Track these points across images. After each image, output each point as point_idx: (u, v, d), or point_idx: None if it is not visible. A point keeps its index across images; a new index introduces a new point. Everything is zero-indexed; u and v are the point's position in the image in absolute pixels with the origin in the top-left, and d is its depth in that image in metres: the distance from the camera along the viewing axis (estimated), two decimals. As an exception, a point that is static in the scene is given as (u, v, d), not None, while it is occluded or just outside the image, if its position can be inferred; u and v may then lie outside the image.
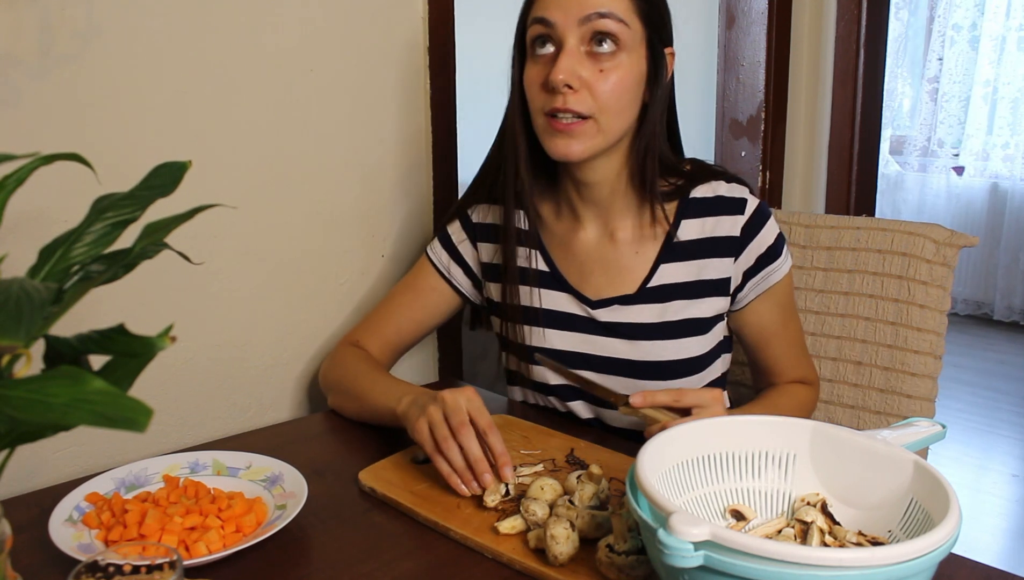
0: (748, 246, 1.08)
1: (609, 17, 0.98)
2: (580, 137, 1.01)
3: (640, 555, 0.74)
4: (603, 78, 0.99)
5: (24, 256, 0.60)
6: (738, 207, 1.08)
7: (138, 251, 0.56)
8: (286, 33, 1.19)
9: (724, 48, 2.21)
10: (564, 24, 0.99)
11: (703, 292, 1.09)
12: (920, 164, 4.91)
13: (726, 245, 1.08)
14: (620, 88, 1.00)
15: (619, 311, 1.10)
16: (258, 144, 1.19)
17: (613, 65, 0.99)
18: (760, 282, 1.09)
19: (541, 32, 1.01)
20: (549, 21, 1.00)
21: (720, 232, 1.08)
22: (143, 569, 0.57)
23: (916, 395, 1.20)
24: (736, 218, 1.08)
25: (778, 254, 1.09)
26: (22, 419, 0.42)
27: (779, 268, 1.09)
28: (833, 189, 2.22)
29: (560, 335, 1.13)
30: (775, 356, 1.14)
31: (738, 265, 1.08)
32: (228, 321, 1.19)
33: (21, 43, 0.96)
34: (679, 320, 1.08)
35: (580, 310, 1.12)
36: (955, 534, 0.62)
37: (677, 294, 1.09)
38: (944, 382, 1.20)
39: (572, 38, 0.99)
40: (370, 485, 0.95)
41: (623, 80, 1.00)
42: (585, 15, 0.98)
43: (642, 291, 1.09)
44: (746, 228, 1.07)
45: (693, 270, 1.09)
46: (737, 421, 0.82)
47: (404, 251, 1.40)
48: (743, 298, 1.10)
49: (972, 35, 4.62)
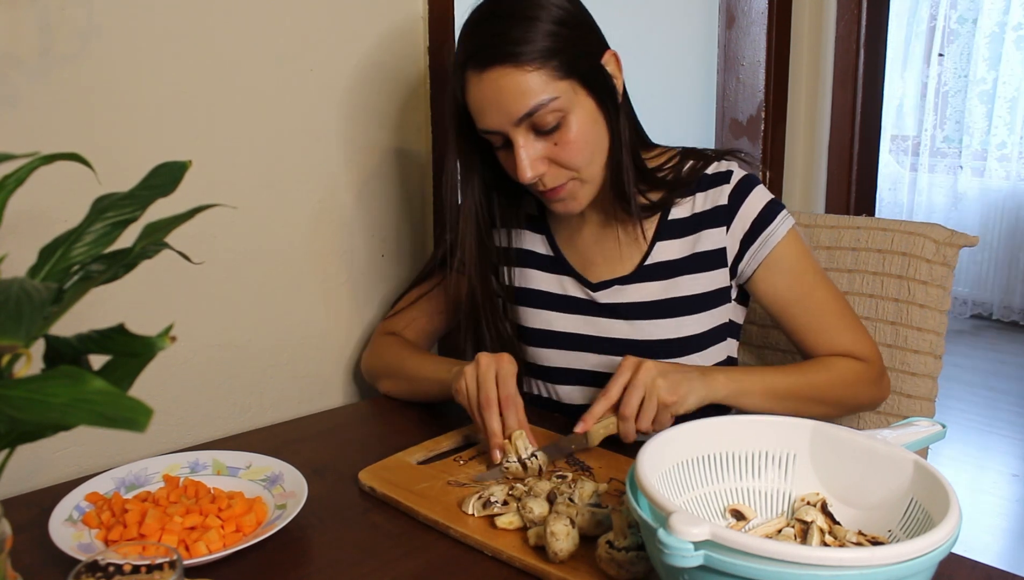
0: (738, 212, 1.09)
1: (538, 110, 0.97)
2: (570, 197, 1.06)
3: (640, 551, 0.74)
4: (562, 149, 1.01)
5: (24, 256, 0.60)
6: (724, 178, 1.10)
7: (138, 251, 0.56)
8: (286, 33, 1.19)
9: (724, 48, 2.20)
10: (503, 128, 1.00)
11: (699, 266, 1.10)
12: (920, 164, 4.91)
13: (716, 215, 1.10)
14: (580, 145, 1.01)
15: (618, 292, 1.12)
16: (258, 144, 1.19)
17: (565, 132, 1.00)
18: (759, 249, 1.09)
19: (487, 136, 1.03)
20: (490, 130, 1.01)
21: (709, 204, 1.10)
22: (143, 569, 0.57)
23: (916, 395, 1.20)
24: (722, 188, 1.10)
25: (772, 217, 1.09)
26: (22, 419, 0.42)
27: (775, 231, 1.08)
28: (833, 189, 2.22)
29: (562, 317, 1.16)
30: (801, 327, 1.11)
31: (732, 233, 1.09)
32: (228, 321, 1.19)
33: (21, 43, 0.96)
34: (676, 297, 1.10)
35: (582, 293, 1.15)
36: (955, 534, 0.62)
37: (674, 271, 1.11)
38: (944, 382, 1.20)
39: (519, 136, 1.00)
40: (370, 485, 0.95)
41: (579, 136, 1.00)
42: (516, 119, 0.98)
43: (640, 270, 1.12)
44: (733, 195, 1.09)
45: (688, 245, 1.11)
46: (737, 421, 0.82)
47: (404, 251, 1.40)
48: (746, 268, 1.10)
49: (973, 35, 4.62)
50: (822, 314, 1.11)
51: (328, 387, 1.33)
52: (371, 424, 1.21)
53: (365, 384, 1.36)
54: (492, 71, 0.97)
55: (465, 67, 1.00)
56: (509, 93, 0.97)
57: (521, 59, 0.96)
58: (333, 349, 1.32)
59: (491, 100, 0.98)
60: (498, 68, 0.97)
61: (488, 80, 0.98)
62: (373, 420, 1.22)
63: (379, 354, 1.25)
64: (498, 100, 0.98)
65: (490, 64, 0.97)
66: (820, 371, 1.08)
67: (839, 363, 1.09)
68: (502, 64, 0.97)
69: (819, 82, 2.20)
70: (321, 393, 1.32)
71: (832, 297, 1.12)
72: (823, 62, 2.18)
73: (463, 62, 1.01)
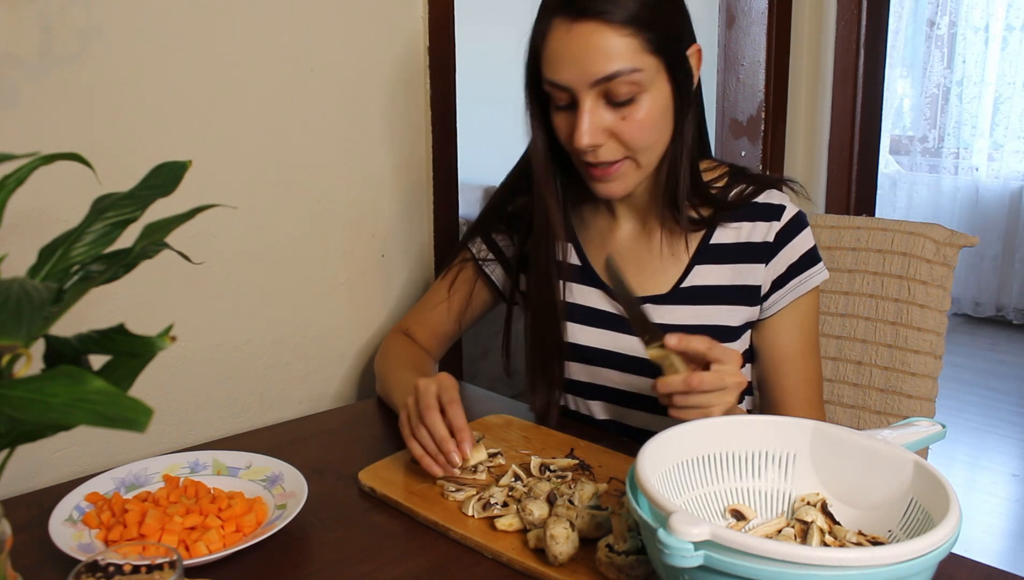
0: (780, 252, 1.06)
1: (618, 76, 0.94)
2: (619, 179, 1.01)
3: (640, 555, 0.74)
4: (627, 125, 0.97)
5: (24, 256, 0.60)
6: (775, 213, 1.07)
7: (138, 251, 0.56)
8: (286, 33, 1.19)
9: (724, 48, 2.21)
10: (576, 86, 0.96)
11: (735, 298, 1.07)
12: (920, 164, 4.91)
13: (760, 251, 1.06)
14: (647, 126, 0.98)
15: (650, 312, 1.08)
16: (258, 144, 1.19)
17: (635, 109, 0.96)
18: (788, 293, 1.06)
19: (554, 90, 0.99)
20: (560, 84, 0.97)
21: (756, 237, 1.07)
22: (143, 569, 0.57)
23: (916, 395, 1.20)
24: (772, 224, 1.06)
25: (808, 266, 1.06)
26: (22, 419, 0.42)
27: (806, 282, 1.06)
28: (833, 189, 2.22)
29: (587, 331, 1.11)
30: (783, 385, 1.09)
31: (768, 271, 1.06)
32: (228, 321, 1.19)
33: (21, 43, 0.96)
34: (708, 325, 1.06)
35: (611, 307, 1.11)
36: (955, 534, 0.62)
37: (709, 297, 1.07)
38: (944, 382, 1.20)
39: (588, 98, 0.96)
40: (370, 485, 0.95)
41: (648, 117, 0.97)
42: (594, 80, 0.94)
43: (675, 291, 1.08)
44: (780, 234, 1.06)
45: (727, 274, 1.07)
46: (737, 421, 0.82)
47: (404, 251, 1.40)
48: (769, 307, 1.07)
49: (973, 34, 4.62)
50: (807, 382, 1.09)
51: (328, 387, 1.33)
52: (371, 424, 1.21)
53: (365, 384, 1.36)
54: (585, 23, 0.93)
55: (555, 12, 0.96)
56: (595, 51, 0.93)
57: (618, 19, 0.92)
58: (333, 349, 1.32)
59: (574, 53, 0.94)
60: (592, 22, 0.93)
61: (578, 32, 0.93)
62: (373, 420, 1.22)
63: (381, 354, 1.24)
64: (582, 55, 0.93)
65: (583, 15, 0.93)
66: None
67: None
68: (596, 18, 0.93)
69: (819, 82, 2.20)
70: (321, 393, 1.32)
71: (818, 369, 1.11)
72: (823, 62, 2.19)
73: (554, 7, 0.96)
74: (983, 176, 4.69)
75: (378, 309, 1.38)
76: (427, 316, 1.25)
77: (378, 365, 1.24)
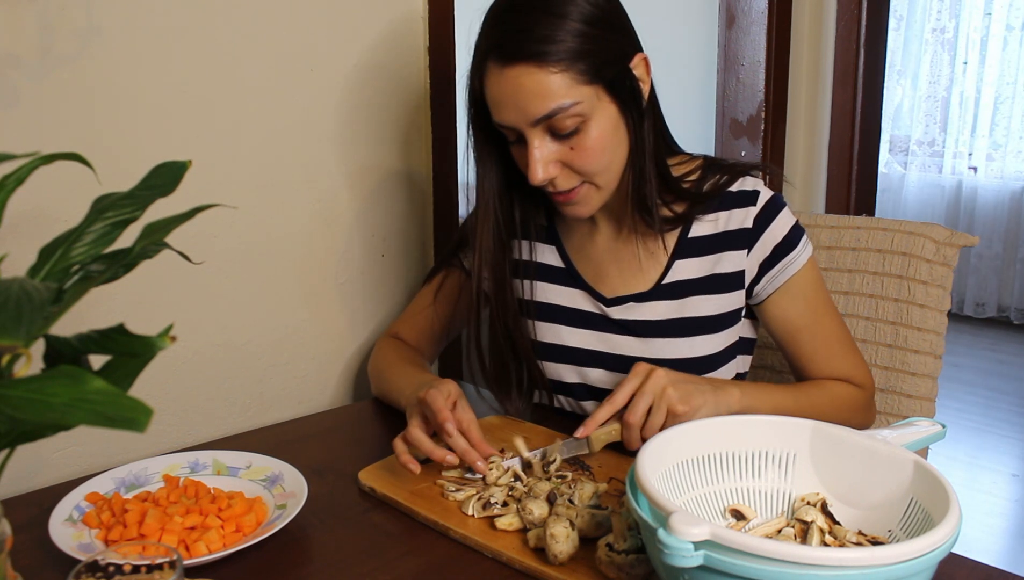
0: (761, 237, 1.06)
1: (558, 113, 0.94)
2: (581, 202, 1.03)
3: (640, 554, 0.74)
4: (577, 154, 0.97)
5: (24, 256, 0.60)
6: (750, 199, 1.07)
7: (138, 251, 0.56)
8: (286, 33, 1.19)
9: (724, 48, 2.20)
10: (520, 125, 0.96)
11: (718, 287, 1.07)
12: (920, 164, 4.91)
13: (739, 237, 1.07)
14: (597, 152, 0.98)
15: (633, 309, 1.09)
16: (258, 144, 1.19)
17: (583, 138, 0.96)
18: (778, 274, 1.07)
19: (503, 128, 1.00)
20: (504, 125, 0.98)
21: (733, 225, 1.07)
22: (143, 569, 0.57)
23: (916, 395, 1.20)
24: (748, 210, 1.07)
25: (795, 244, 1.07)
26: (22, 419, 0.42)
27: (796, 258, 1.06)
28: (833, 189, 2.22)
29: (572, 332, 1.12)
30: (806, 353, 1.10)
31: (752, 257, 1.07)
32: (228, 321, 1.19)
33: (21, 43, 0.96)
34: (692, 317, 1.07)
35: (594, 308, 1.12)
36: (955, 534, 0.62)
37: (692, 290, 1.08)
38: (944, 382, 1.20)
39: (534, 136, 0.96)
40: (370, 485, 0.95)
41: (598, 143, 0.97)
42: (534, 120, 0.95)
43: (657, 288, 1.09)
44: (759, 218, 1.06)
45: (707, 265, 1.08)
46: (737, 421, 0.82)
47: (404, 251, 1.40)
48: (761, 291, 1.08)
49: (973, 34, 4.62)
50: (828, 341, 1.10)
51: (328, 387, 1.33)
52: (371, 424, 1.21)
53: (365, 384, 1.36)
54: (514, 67, 0.93)
55: (487, 56, 0.96)
56: (529, 93, 0.93)
57: (546, 59, 0.92)
58: (333, 349, 1.33)
59: (510, 96, 0.95)
60: (521, 65, 0.93)
61: (509, 76, 0.94)
62: (373, 420, 1.22)
63: (374, 357, 1.24)
64: (517, 98, 0.94)
65: (513, 60, 0.93)
66: (822, 394, 1.08)
67: (838, 387, 1.09)
68: (525, 62, 0.93)
69: (819, 82, 2.20)
70: (321, 393, 1.32)
71: (838, 324, 1.11)
72: (823, 62, 2.18)
73: (485, 51, 0.97)
74: (983, 176, 4.70)
75: (378, 309, 1.38)
76: (417, 319, 1.25)
77: (372, 367, 1.24)
